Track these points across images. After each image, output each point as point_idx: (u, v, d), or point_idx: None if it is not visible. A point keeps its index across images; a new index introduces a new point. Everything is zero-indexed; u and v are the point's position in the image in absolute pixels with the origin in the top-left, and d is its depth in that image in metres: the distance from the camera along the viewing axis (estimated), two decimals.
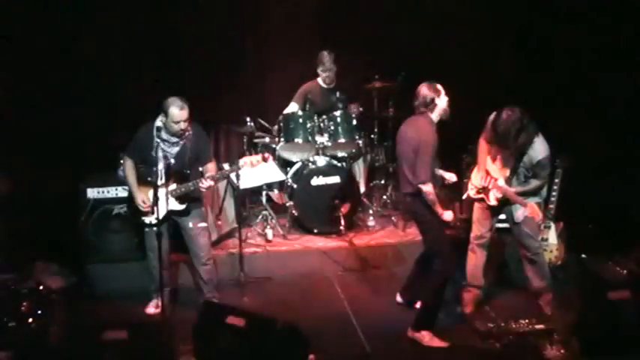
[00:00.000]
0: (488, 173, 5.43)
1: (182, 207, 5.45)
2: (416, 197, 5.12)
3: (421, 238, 5.42)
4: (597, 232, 6.31)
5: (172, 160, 5.33)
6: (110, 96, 6.79)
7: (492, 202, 5.43)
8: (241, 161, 5.47)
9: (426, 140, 5.01)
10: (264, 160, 5.51)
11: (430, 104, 5.05)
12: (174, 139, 5.32)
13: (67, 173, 6.32)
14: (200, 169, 5.50)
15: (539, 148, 5.17)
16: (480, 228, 5.60)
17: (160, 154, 5.32)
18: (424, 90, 5.07)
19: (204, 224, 5.62)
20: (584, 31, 6.68)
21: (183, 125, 5.27)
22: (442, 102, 5.09)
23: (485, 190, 5.45)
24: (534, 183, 5.28)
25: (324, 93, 7.09)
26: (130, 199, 5.57)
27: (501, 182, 5.35)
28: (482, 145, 5.49)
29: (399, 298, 5.73)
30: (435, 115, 5.11)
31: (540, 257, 5.52)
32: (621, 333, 4.75)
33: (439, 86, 5.10)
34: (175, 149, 5.35)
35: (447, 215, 5.13)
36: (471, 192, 5.60)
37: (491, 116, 5.29)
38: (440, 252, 5.21)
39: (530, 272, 5.48)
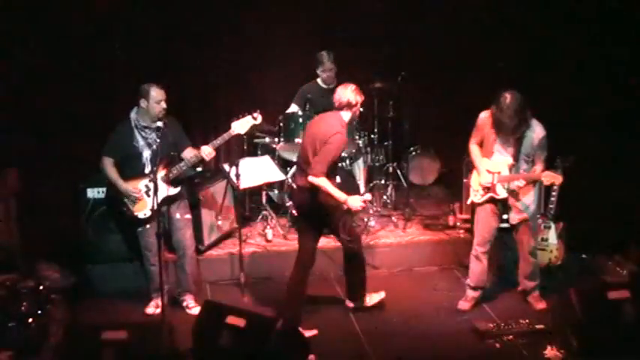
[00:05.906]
0: (489, 172, 5.43)
1: (177, 190, 5.51)
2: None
3: None
4: (597, 232, 6.30)
5: (155, 147, 5.37)
6: (111, 95, 6.78)
7: (502, 194, 5.43)
8: (232, 126, 5.58)
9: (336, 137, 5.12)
10: (254, 118, 5.63)
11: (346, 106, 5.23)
12: (154, 125, 5.36)
13: (67, 173, 6.32)
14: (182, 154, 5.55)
15: (537, 129, 5.29)
16: (483, 233, 5.56)
17: (142, 142, 5.40)
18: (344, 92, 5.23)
19: (189, 216, 5.72)
20: (584, 29, 6.68)
21: (164, 104, 5.38)
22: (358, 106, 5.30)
23: (492, 187, 5.43)
24: (538, 168, 5.33)
25: (324, 93, 7.06)
26: (115, 200, 5.55)
27: (505, 172, 5.38)
28: (475, 149, 5.52)
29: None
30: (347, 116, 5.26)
31: (535, 256, 5.60)
32: (621, 333, 4.75)
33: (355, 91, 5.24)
34: (156, 135, 5.38)
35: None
36: (475, 197, 5.56)
37: (481, 115, 5.38)
38: None
39: (523, 270, 5.60)
